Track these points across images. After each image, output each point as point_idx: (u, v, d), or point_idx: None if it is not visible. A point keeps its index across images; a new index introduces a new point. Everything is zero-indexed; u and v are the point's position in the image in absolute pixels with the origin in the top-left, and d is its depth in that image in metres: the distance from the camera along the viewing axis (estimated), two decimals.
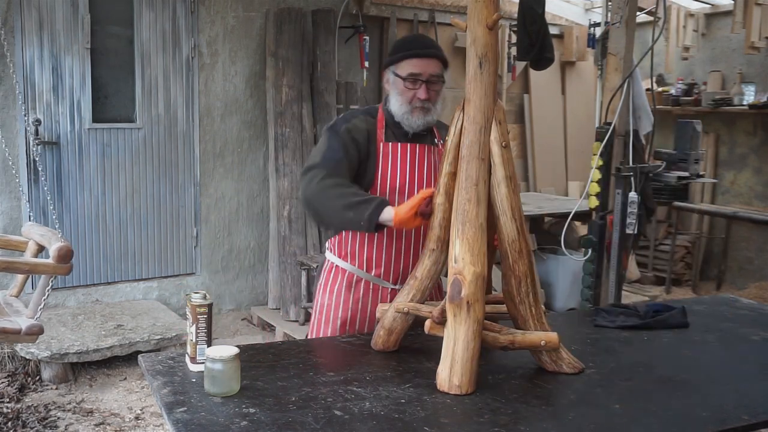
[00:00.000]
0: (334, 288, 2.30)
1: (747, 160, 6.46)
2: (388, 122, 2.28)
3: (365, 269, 2.27)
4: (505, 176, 1.87)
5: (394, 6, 5.80)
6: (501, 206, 1.87)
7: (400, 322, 2.01)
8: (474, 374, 1.77)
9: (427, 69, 2.20)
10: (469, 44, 1.85)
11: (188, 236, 5.21)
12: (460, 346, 1.76)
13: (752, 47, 5.75)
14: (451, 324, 1.78)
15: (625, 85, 3.66)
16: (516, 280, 1.90)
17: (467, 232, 1.80)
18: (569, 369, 1.93)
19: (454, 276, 1.78)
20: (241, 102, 5.29)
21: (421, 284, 1.98)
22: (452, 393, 1.75)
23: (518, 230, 1.88)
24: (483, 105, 1.86)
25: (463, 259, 1.78)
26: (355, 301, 2.28)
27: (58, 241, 1.98)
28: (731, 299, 2.82)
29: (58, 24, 4.60)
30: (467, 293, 1.75)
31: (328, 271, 2.34)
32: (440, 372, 1.79)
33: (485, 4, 1.82)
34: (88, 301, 4.82)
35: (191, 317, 1.82)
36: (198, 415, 1.59)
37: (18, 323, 1.96)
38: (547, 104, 7.03)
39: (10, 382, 3.92)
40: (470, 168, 1.84)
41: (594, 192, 3.69)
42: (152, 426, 3.57)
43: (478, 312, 1.77)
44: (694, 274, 6.51)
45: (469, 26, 1.85)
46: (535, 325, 1.91)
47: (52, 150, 4.66)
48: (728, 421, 1.68)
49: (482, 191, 1.84)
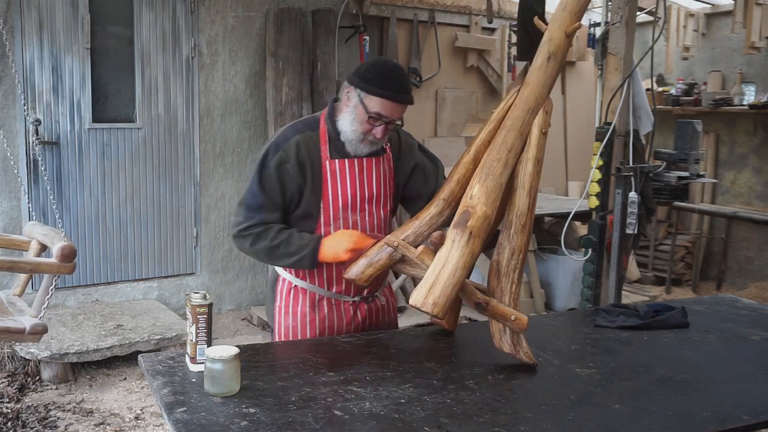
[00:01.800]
0: (297, 310, 2.25)
1: (747, 160, 6.46)
2: (331, 136, 2.18)
3: (326, 287, 2.23)
4: (535, 156, 1.98)
5: (394, 6, 5.80)
6: (522, 180, 1.97)
7: (383, 256, 2.02)
8: (449, 302, 1.78)
9: (394, 114, 2.11)
10: (544, 42, 2.01)
11: (188, 236, 5.21)
12: (447, 269, 1.78)
13: (752, 47, 5.75)
14: (447, 247, 1.82)
15: (625, 85, 3.66)
16: (510, 251, 1.95)
17: (489, 182, 1.90)
18: (525, 358, 1.95)
19: (465, 208, 1.85)
20: (241, 102, 5.29)
21: (419, 228, 2.02)
22: (424, 310, 1.75)
23: (529, 206, 1.97)
24: (538, 91, 1.99)
25: (479, 199, 1.86)
26: (321, 320, 2.24)
27: (61, 240, 1.98)
28: (731, 299, 2.82)
29: (58, 24, 4.60)
30: (473, 224, 1.82)
31: (287, 292, 2.27)
32: (417, 289, 1.79)
33: (569, 14, 1.99)
34: (88, 301, 4.83)
35: (191, 317, 1.82)
36: (198, 415, 1.59)
37: (22, 322, 1.95)
38: None
39: (10, 382, 3.92)
40: (509, 136, 1.97)
41: (594, 192, 3.70)
42: (152, 426, 3.57)
43: (476, 246, 1.82)
44: (694, 274, 6.51)
45: (550, 27, 2.02)
46: (509, 302, 1.94)
47: (52, 150, 4.66)
48: (728, 421, 1.68)
49: (512, 159, 1.95)
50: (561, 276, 5.46)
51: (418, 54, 5.95)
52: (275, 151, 2.14)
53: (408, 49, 5.98)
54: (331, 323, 2.25)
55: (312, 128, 2.19)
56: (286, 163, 2.12)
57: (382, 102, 2.07)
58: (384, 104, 2.08)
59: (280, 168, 2.12)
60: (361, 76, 2.11)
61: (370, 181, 2.21)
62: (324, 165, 2.15)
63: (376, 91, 2.07)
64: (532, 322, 2.04)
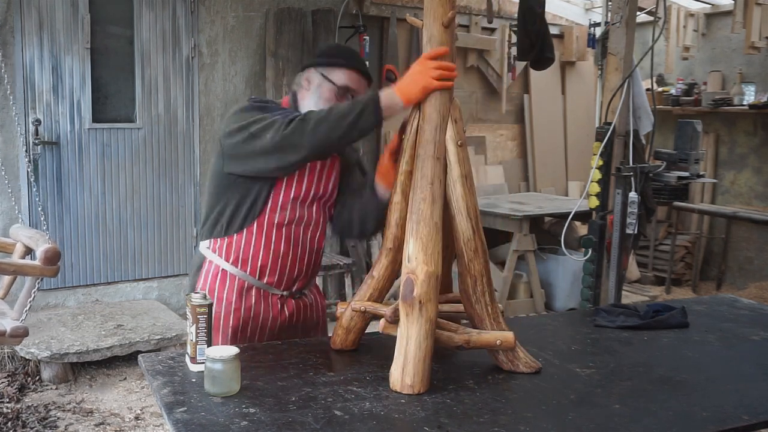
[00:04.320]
0: (222, 295, 2.14)
1: (747, 160, 6.46)
2: None
3: (257, 277, 2.15)
4: (461, 175, 1.85)
5: (394, 6, 5.80)
6: (456, 205, 1.86)
7: (357, 321, 2.00)
8: (427, 373, 1.76)
9: (359, 87, 2.09)
10: (425, 42, 1.86)
11: (188, 236, 5.21)
12: (412, 345, 1.75)
13: (752, 47, 5.75)
14: (403, 323, 1.77)
15: (625, 85, 3.66)
16: (472, 279, 1.88)
17: (421, 231, 1.78)
18: (525, 368, 1.91)
19: (407, 275, 1.76)
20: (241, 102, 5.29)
21: (378, 283, 1.97)
22: (405, 393, 1.74)
23: (473, 229, 1.86)
24: (439, 103, 1.85)
25: (416, 258, 1.76)
26: (246, 308, 2.15)
27: (46, 243, 1.98)
28: (731, 299, 2.82)
29: (58, 24, 4.60)
30: (419, 293, 1.74)
31: (214, 275, 2.15)
32: (393, 371, 1.78)
33: (441, 2, 1.81)
34: (88, 301, 4.83)
35: (191, 317, 1.82)
36: (198, 415, 1.59)
37: (3, 325, 1.95)
38: (547, 104, 7.03)
39: (10, 382, 3.92)
40: (425, 167, 1.82)
41: (594, 192, 3.70)
42: (152, 426, 3.57)
43: (430, 311, 1.75)
44: (694, 274, 6.51)
45: (425, 24, 1.85)
46: (491, 325, 1.90)
47: (52, 150, 4.66)
48: (728, 421, 1.67)
49: (437, 190, 1.81)
50: (561, 276, 5.45)
51: (418, 54, 5.93)
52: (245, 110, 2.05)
53: (408, 49, 5.98)
54: (257, 314, 2.16)
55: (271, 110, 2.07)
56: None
57: (350, 73, 2.07)
58: (351, 76, 2.08)
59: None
60: (321, 55, 2.12)
61: (329, 178, 2.17)
62: None
63: (341, 63, 2.07)
64: (532, 322, 2.04)
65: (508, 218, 5.22)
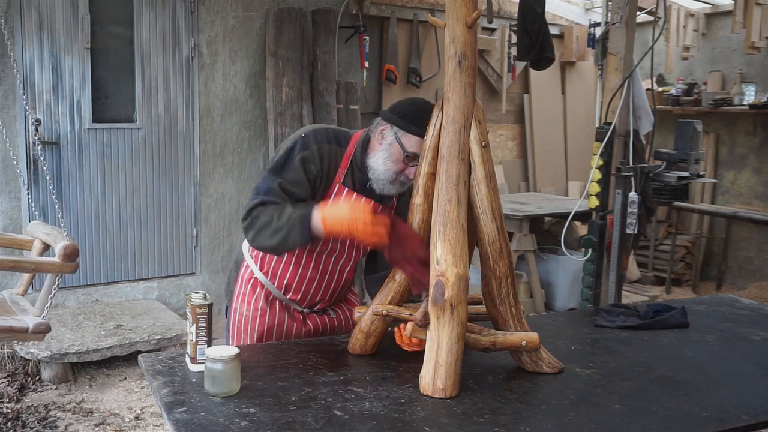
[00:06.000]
0: (251, 300, 2.25)
1: (747, 160, 6.46)
2: (353, 165, 2.10)
3: (282, 292, 2.23)
4: (485, 176, 1.85)
5: (394, 6, 5.80)
6: (481, 206, 1.86)
7: (378, 325, 1.99)
8: (458, 377, 1.76)
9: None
10: (448, 43, 1.83)
11: (188, 236, 5.21)
12: (444, 349, 1.74)
13: (752, 47, 5.75)
14: (434, 327, 1.75)
15: (625, 85, 3.66)
16: (497, 281, 1.88)
17: (449, 233, 1.77)
18: (549, 369, 1.92)
19: (437, 278, 1.75)
20: (241, 102, 5.29)
21: (400, 286, 1.95)
22: (436, 396, 1.74)
23: (498, 230, 1.87)
24: (462, 104, 1.83)
25: (446, 261, 1.75)
26: (272, 315, 2.24)
27: (64, 240, 1.98)
28: (731, 299, 2.82)
29: (58, 24, 4.60)
30: (451, 295, 1.73)
31: (248, 280, 2.27)
32: (423, 376, 1.77)
33: (464, 2, 1.79)
34: (88, 301, 4.83)
35: (191, 317, 1.82)
36: (198, 415, 1.59)
37: (25, 322, 1.96)
38: (547, 104, 7.03)
39: (10, 382, 3.92)
40: (450, 168, 1.82)
41: (594, 192, 3.70)
42: (152, 426, 3.57)
43: (461, 314, 1.75)
44: (694, 274, 6.51)
45: (447, 24, 1.83)
46: (515, 326, 1.90)
47: (52, 150, 4.66)
48: (728, 421, 1.68)
49: (462, 191, 1.81)
50: (561, 276, 5.45)
51: (418, 54, 5.95)
52: (303, 148, 2.05)
53: (408, 49, 5.98)
54: (281, 322, 2.24)
55: (340, 144, 2.11)
56: (311, 163, 2.04)
57: (419, 141, 1.98)
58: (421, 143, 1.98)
59: (305, 163, 2.03)
60: (399, 114, 2.03)
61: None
62: (333, 186, 2.10)
63: (416, 130, 1.98)
64: (532, 322, 2.04)
65: (508, 218, 5.22)
